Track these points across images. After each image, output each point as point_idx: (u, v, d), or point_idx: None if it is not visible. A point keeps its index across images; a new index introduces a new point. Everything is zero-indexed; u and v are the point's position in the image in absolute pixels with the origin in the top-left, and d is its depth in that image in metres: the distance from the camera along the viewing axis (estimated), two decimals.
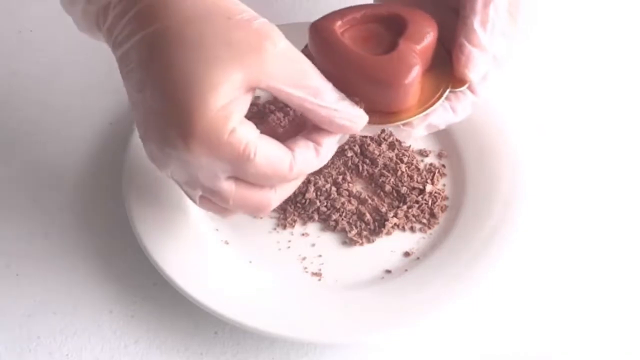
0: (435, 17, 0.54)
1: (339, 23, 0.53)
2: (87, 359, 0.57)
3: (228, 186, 0.50)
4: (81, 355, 0.57)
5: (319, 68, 0.51)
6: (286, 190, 0.53)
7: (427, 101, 0.54)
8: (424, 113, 0.54)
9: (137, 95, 0.49)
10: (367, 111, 0.52)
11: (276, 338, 0.56)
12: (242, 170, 0.49)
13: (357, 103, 0.52)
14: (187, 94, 0.47)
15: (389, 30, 0.54)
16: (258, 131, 0.49)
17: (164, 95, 0.47)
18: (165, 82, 0.47)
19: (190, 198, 0.53)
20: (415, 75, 0.52)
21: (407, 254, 0.61)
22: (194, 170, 0.49)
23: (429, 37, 0.53)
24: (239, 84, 0.47)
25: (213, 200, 0.52)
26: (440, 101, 0.54)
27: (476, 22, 0.53)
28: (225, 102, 0.47)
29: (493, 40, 0.54)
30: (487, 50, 0.54)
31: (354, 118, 0.51)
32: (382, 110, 0.53)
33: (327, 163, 0.63)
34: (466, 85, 0.54)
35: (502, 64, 0.55)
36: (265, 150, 0.49)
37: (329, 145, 0.52)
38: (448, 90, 0.54)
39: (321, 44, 0.53)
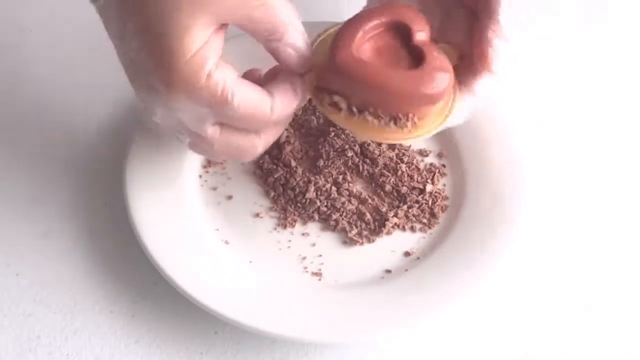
0: (439, 9, 0.56)
1: (354, 48, 0.53)
2: (87, 359, 0.57)
3: (213, 131, 0.51)
4: (81, 355, 0.57)
5: (352, 95, 0.52)
6: (271, 135, 0.54)
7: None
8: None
9: (119, 43, 0.51)
10: (423, 125, 0.53)
11: (276, 338, 0.56)
12: (223, 114, 0.50)
13: (411, 119, 0.53)
14: (160, 43, 0.48)
15: (396, 36, 0.54)
16: (236, 74, 0.50)
17: (141, 44, 0.49)
18: (140, 33, 0.49)
19: (181, 142, 0.54)
20: (451, 77, 0.53)
21: (407, 254, 0.61)
22: (179, 114, 0.51)
23: (428, 32, 0.54)
24: (208, 25, 0.49)
25: (200, 146, 0.53)
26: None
27: (502, 17, 0.54)
28: (198, 46, 0.48)
29: (510, 27, 0.55)
30: (509, 41, 0.55)
31: (302, 61, 0.52)
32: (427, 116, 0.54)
33: (328, 163, 0.63)
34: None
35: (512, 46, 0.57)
36: (243, 93, 0.50)
37: (305, 84, 0.53)
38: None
39: (355, 75, 0.52)
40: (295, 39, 0.52)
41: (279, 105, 0.52)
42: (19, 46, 0.73)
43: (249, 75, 0.55)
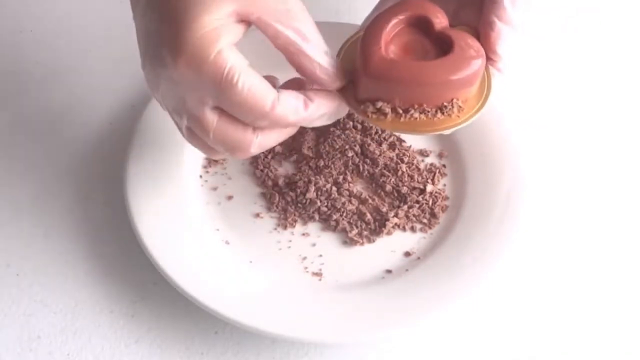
0: None
1: (384, 51, 0.52)
2: (87, 359, 0.57)
3: (211, 116, 0.51)
4: (81, 355, 0.57)
5: (395, 97, 0.52)
6: (269, 138, 0.53)
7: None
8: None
9: (141, 20, 0.51)
10: (467, 108, 0.53)
11: (276, 338, 0.56)
12: (224, 96, 0.50)
13: (456, 104, 0.53)
14: (180, 15, 0.49)
15: (416, 30, 0.54)
16: (247, 62, 0.50)
17: (161, 17, 0.50)
18: (163, 5, 0.50)
19: (180, 130, 0.54)
20: (484, 54, 0.53)
21: (407, 254, 0.61)
22: (181, 91, 0.50)
23: (446, 19, 0.54)
24: (231, 12, 0.49)
25: (196, 132, 0.52)
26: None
27: (507, 1, 0.54)
28: (216, 25, 0.49)
29: (520, 15, 0.55)
30: (515, 26, 0.55)
31: (332, 75, 0.52)
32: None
33: (328, 163, 0.63)
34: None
35: (523, 36, 0.56)
36: (249, 80, 0.49)
37: (321, 104, 0.52)
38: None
39: (393, 77, 0.52)
40: (317, 52, 0.51)
41: (282, 106, 0.51)
42: (19, 46, 0.73)
43: (267, 80, 0.54)
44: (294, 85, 0.53)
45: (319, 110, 0.52)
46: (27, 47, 0.73)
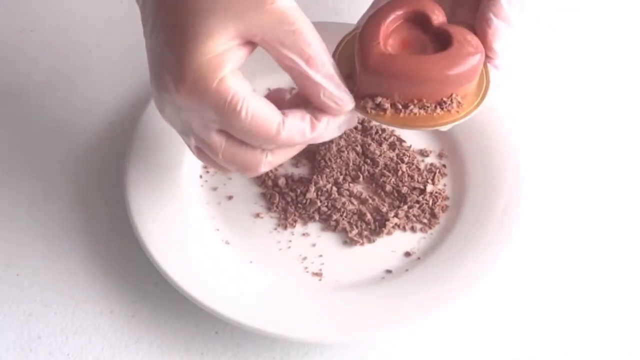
0: None
1: (383, 46, 0.52)
2: (87, 359, 0.57)
3: (218, 139, 0.50)
4: (82, 355, 0.57)
5: (394, 92, 0.52)
6: (278, 157, 0.53)
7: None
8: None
9: (148, 39, 0.51)
10: (466, 104, 0.53)
11: (277, 338, 0.56)
12: (228, 123, 0.49)
13: (455, 99, 0.52)
14: (183, 40, 0.48)
15: (414, 25, 0.54)
16: (251, 88, 0.49)
17: (165, 41, 0.49)
18: (167, 28, 0.49)
19: (189, 148, 0.54)
20: (482, 49, 0.53)
21: (407, 254, 0.61)
22: (185, 116, 0.50)
23: (444, 15, 0.54)
24: (234, 35, 0.48)
25: (206, 152, 0.52)
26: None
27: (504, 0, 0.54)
28: (218, 51, 0.48)
29: (516, 12, 0.54)
30: (511, 23, 0.54)
31: (339, 101, 0.51)
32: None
33: (328, 163, 0.63)
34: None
35: (521, 34, 0.56)
36: (253, 106, 0.49)
37: (328, 124, 0.52)
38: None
39: (393, 72, 0.52)
40: (321, 77, 0.50)
41: (288, 130, 0.50)
42: (19, 46, 0.73)
43: (275, 93, 0.54)
44: (299, 101, 0.52)
45: (327, 129, 0.52)
46: (27, 47, 0.73)
